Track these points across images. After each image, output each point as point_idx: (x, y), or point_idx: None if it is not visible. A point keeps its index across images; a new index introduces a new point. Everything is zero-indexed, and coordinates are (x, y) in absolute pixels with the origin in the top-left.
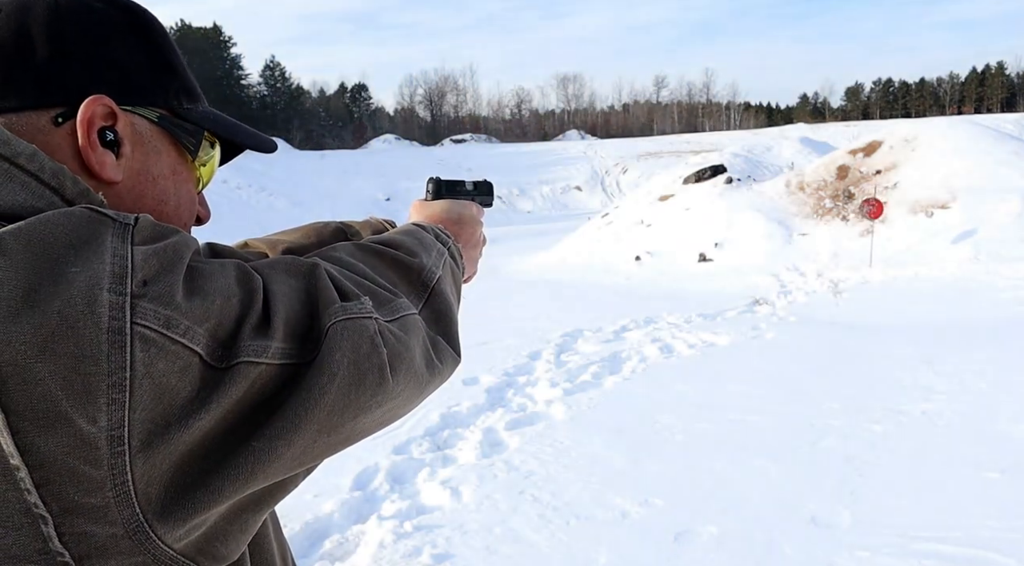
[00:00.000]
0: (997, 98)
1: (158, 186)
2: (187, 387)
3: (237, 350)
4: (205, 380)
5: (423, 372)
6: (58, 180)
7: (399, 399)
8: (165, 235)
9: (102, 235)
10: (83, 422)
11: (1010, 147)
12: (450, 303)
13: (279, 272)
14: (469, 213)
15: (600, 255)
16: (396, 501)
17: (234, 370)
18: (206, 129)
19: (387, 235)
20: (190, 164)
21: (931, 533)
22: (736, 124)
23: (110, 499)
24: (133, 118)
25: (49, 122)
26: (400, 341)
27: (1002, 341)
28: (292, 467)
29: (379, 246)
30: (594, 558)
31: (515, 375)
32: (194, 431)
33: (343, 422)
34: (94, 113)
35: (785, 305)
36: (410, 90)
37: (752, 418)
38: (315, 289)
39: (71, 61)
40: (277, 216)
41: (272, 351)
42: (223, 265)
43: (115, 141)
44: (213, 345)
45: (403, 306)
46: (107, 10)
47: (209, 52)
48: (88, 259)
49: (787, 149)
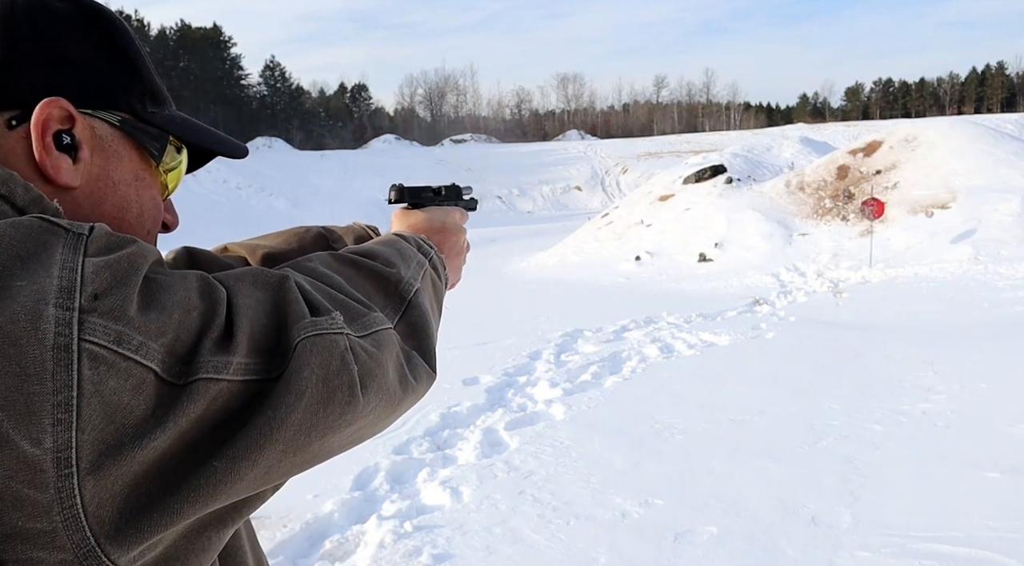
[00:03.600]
0: (997, 98)
1: (119, 192)
2: (141, 405)
3: (196, 366)
4: (161, 397)
5: (396, 389)
6: (7, 187)
7: (370, 417)
8: (121, 245)
9: (52, 246)
10: (26, 444)
11: (1010, 147)
12: (428, 317)
13: (246, 284)
14: (452, 221)
15: (600, 255)
16: (396, 501)
17: (192, 387)
18: (171, 134)
19: (366, 245)
20: (154, 169)
21: (931, 533)
22: (736, 124)
23: (58, 524)
24: (93, 122)
25: (2, 125)
26: (372, 357)
27: (1002, 341)
28: (256, 486)
29: (356, 256)
30: (594, 558)
31: (515, 375)
32: (149, 451)
33: (310, 441)
34: (49, 116)
35: (785, 305)
36: (410, 90)
37: (752, 418)
38: (283, 302)
39: (26, 62)
40: (277, 216)
41: (234, 367)
42: (184, 276)
43: (72, 145)
44: (170, 361)
45: (376, 320)
46: (66, 9)
47: (209, 52)
48: (35, 272)
49: (787, 149)
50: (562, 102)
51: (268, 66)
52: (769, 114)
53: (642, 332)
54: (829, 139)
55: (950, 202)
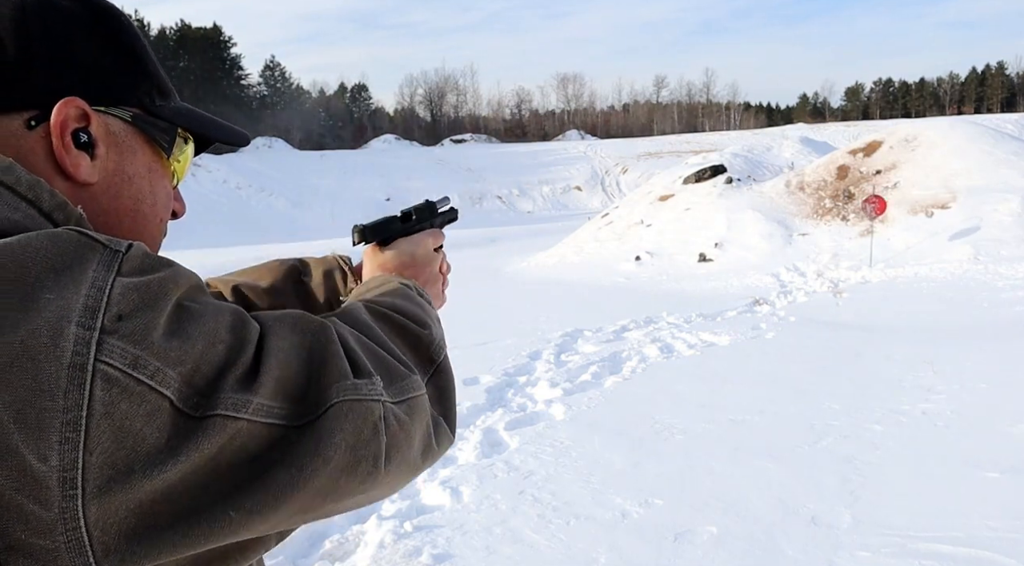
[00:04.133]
0: (997, 98)
1: (134, 185)
2: (154, 433)
3: (215, 401)
4: (177, 428)
5: (417, 461)
6: (34, 192)
7: (384, 488)
8: (155, 268)
9: (87, 262)
10: (33, 458)
11: (1010, 147)
12: (453, 381)
13: (284, 326)
14: (422, 252)
15: (600, 255)
16: (396, 501)
17: (209, 422)
18: (179, 126)
19: (388, 299)
20: (165, 161)
21: (931, 533)
22: (736, 124)
23: (60, 544)
24: (106, 119)
25: (22, 126)
26: (403, 427)
27: (1002, 341)
28: (262, 533)
29: (390, 312)
30: (594, 558)
31: (515, 375)
32: (158, 481)
33: (324, 503)
34: (67, 116)
35: (785, 305)
36: (410, 90)
37: (752, 418)
38: (324, 353)
39: (41, 64)
40: (277, 216)
41: (254, 407)
42: (219, 309)
43: (89, 142)
44: (187, 391)
45: (414, 385)
46: (76, 9)
47: (209, 52)
48: (65, 286)
49: (787, 149)
50: (562, 102)
51: (268, 66)
52: (769, 114)
53: (642, 332)
54: (829, 139)
55: (950, 202)
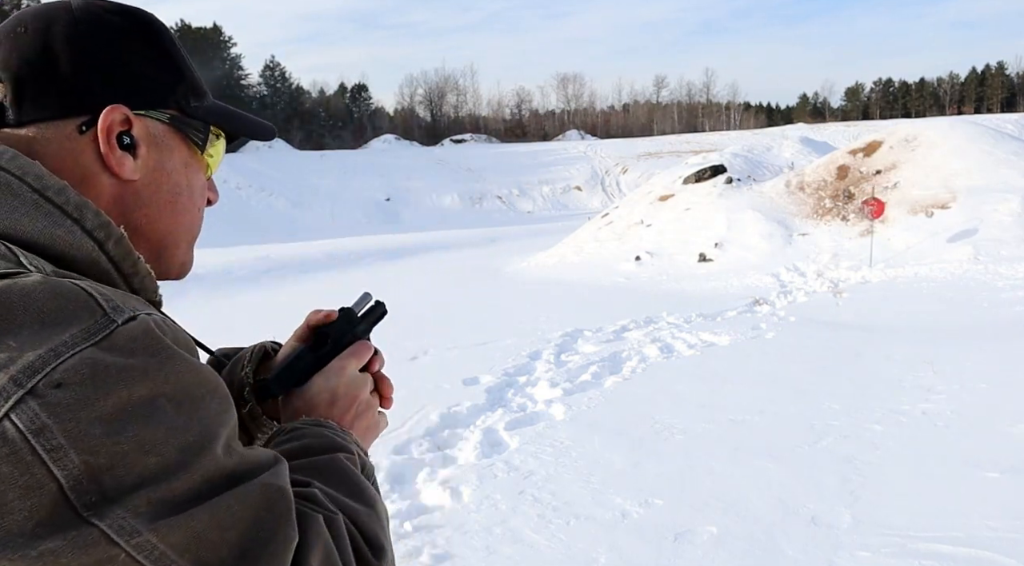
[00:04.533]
0: (997, 98)
1: (172, 179)
2: (24, 511)
3: (110, 512)
4: (53, 517)
5: None
6: (80, 212)
7: None
8: (143, 353)
9: (73, 323)
10: None
11: (1010, 147)
12: None
13: (253, 489)
14: (343, 383)
15: (600, 255)
16: (396, 501)
17: (87, 531)
18: (212, 124)
19: (354, 480)
20: (199, 156)
21: (931, 533)
22: (736, 124)
23: None
24: (147, 121)
25: (74, 130)
26: None
27: (1002, 341)
28: None
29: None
30: (594, 558)
31: (515, 375)
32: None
33: None
34: (112, 121)
35: (785, 305)
36: (410, 90)
37: (752, 418)
38: (268, 535)
39: (91, 74)
40: (277, 216)
41: (142, 542)
42: (186, 429)
43: (132, 144)
44: (87, 485)
45: None
46: (119, 22)
47: (209, 52)
48: (34, 340)
49: (787, 149)
50: (562, 102)
51: (268, 66)
52: (769, 114)
53: (642, 332)
54: (829, 139)
55: (950, 202)
